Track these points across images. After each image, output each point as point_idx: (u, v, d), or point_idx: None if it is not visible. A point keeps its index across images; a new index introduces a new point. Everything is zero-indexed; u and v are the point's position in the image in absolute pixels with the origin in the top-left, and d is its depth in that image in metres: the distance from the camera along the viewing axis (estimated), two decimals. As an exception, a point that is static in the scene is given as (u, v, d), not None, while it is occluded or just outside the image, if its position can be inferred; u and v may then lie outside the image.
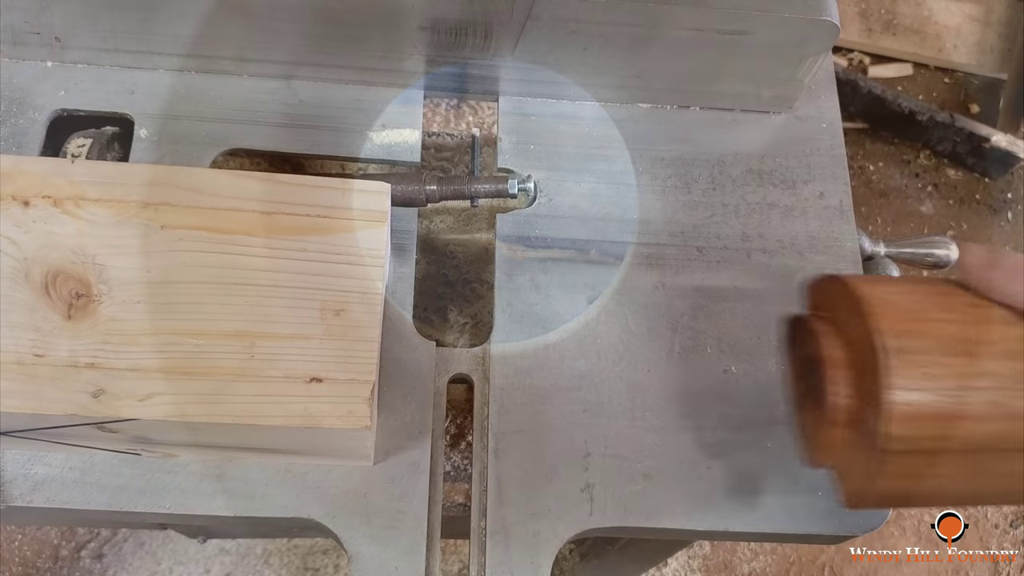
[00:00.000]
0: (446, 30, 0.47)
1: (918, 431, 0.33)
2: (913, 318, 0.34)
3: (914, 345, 0.33)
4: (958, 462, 0.34)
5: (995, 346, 0.34)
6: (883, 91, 1.63)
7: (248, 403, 0.35)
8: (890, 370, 0.33)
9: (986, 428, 0.33)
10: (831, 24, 0.46)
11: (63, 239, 0.37)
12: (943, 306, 0.35)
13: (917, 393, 0.33)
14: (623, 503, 0.43)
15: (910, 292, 0.35)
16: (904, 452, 0.33)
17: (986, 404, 0.33)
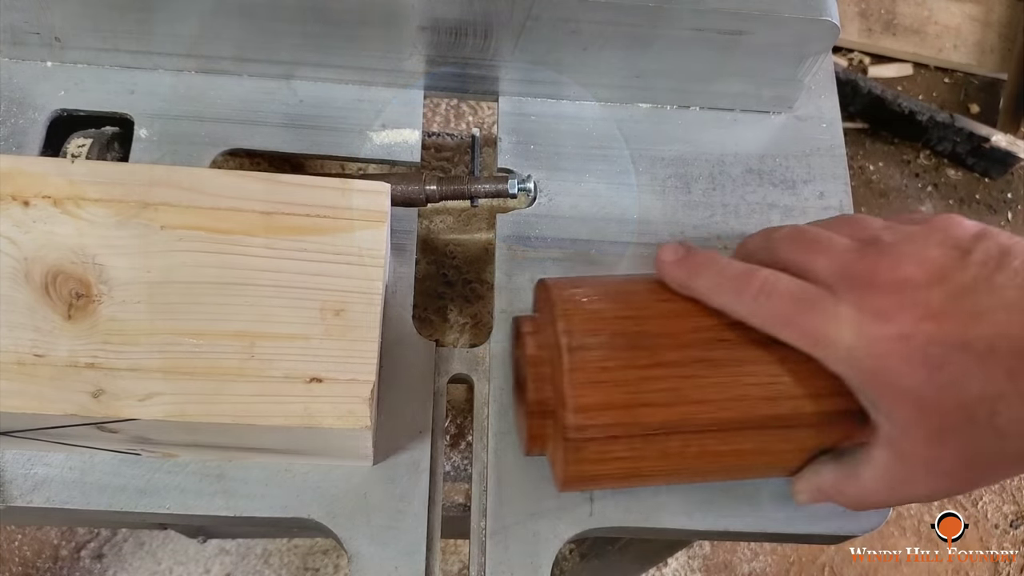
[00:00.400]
0: (446, 30, 0.47)
1: (597, 420, 0.36)
2: (597, 318, 0.37)
3: (593, 342, 0.37)
4: (645, 446, 0.37)
5: (673, 338, 0.37)
6: (883, 91, 1.63)
7: (248, 403, 0.35)
8: (569, 365, 0.36)
9: (666, 413, 0.36)
10: (831, 24, 0.46)
11: (63, 239, 0.37)
12: (629, 304, 0.38)
13: (593, 386, 0.36)
14: (623, 503, 0.43)
15: (602, 294, 0.38)
16: (588, 439, 0.36)
17: (663, 391, 0.36)
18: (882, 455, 0.35)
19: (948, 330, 0.32)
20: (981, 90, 1.73)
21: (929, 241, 0.35)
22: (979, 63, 1.72)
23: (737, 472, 0.41)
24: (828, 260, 0.36)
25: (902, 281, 0.34)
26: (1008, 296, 0.32)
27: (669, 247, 0.39)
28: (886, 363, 0.33)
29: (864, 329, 0.33)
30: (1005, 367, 0.31)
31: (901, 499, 0.37)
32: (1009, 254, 0.33)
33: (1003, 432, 0.32)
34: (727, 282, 0.37)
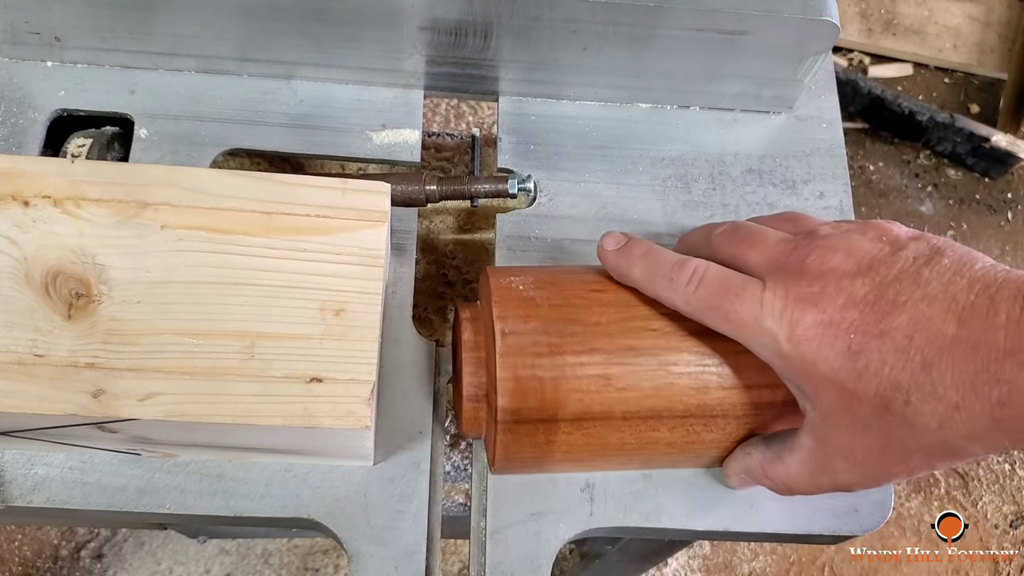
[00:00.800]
0: (446, 30, 0.47)
1: (525, 403, 0.37)
2: (531, 305, 0.38)
3: (525, 328, 0.38)
4: (574, 431, 0.38)
5: (604, 327, 0.38)
6: (883, 91, 1.63)
7: (248, 403, 0.35)
8: (501, 349, 0.37)
9: (595, 399, 0.37)
10: (831, 24, 0.46)
11: (63, 239, 0.37)
12: (563, 293, 0.39)
13: (523, 369, 0.37)
14: (623, 503, 0.43)
15: (538, 282, 0.39)
16: (518, 422, 0.37)
17: (593, 378, 0.37)
18: (806, 441, 0.36)
19: (869, 318, 0.33)
20: (981, 90, 1.73)
21: (864, 236, 0.36)
22: (979, 63, 1.72)
23: (666, 459, 0.41)
24: (761, 252, 0.37)
25: (830, 270, 0.34)
26: (932, 289, 0.33)
27: (611, 236, 0.40)
28: (809, 348, 0.34)
29: (788, 315, 0.34)
30: (921, 357, 0.32)
31: (822, 486, 0.37)
32: (941, 253, 0.34)
33: (914, 423, 0.33)
34: (661, 271, 0.38)
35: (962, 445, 0.33)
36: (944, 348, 0.32)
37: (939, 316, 0.32)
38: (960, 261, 0.34)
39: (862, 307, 0.33)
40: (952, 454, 0.34)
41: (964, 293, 0.32)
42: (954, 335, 0.32)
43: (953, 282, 0.33)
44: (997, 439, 0.32)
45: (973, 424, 0.32)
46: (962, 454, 0.34)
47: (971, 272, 0.33)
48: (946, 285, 0.33)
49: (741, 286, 0.36)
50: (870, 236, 0.36)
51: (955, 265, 0.33)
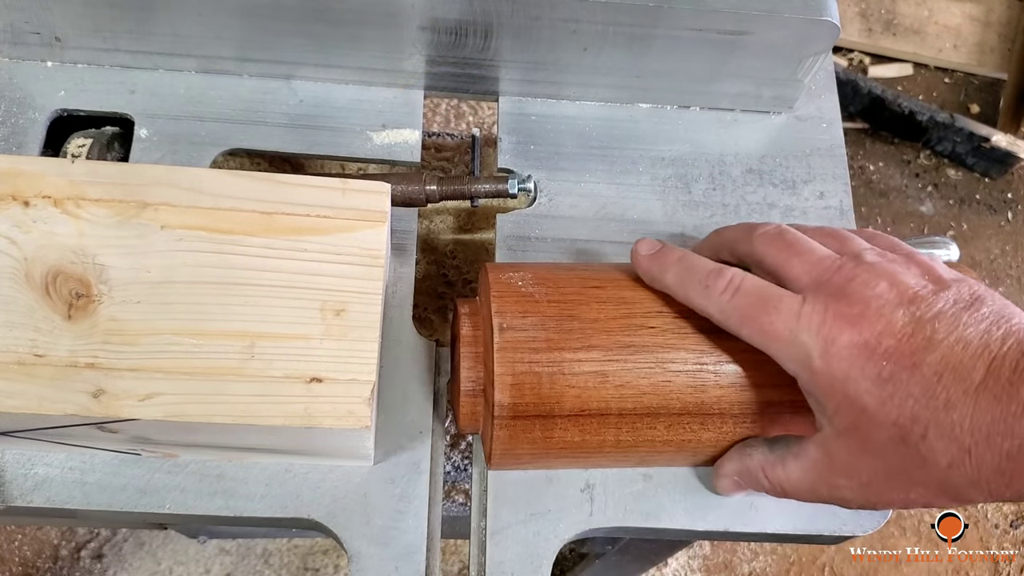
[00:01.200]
0: (446, 30, 0.47)
1: (522, 399, 0.37)
2: (529, 300, 0.39)
3: (523, 323, 0.38)
4: (570, 427, 0.38)
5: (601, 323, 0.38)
6: (883, 91, 1.63)
7: (248, 403, 0.35)
8: (499, 344, 0.37)
9: (592, 395, 0.38)
10: (831, 24, 0.46)
11: (63, 239, 0.37)
12: (562, 290, 0.39)
13: (521, 365, 0.37)
14: (623, 503, 0.43)
15: (537, 279, 0.40)
16: (515, 418, 0.37)
17: (590, 375, 0.37)
18: (814, 452, 0.37)
19: (904, 349, 0.33)
20: (981, 90, 1.73)
21: (909, 270, 0.36)
22: (979, 63, 1.72)
23: (663, 457, 0.41)
24: (805, 265, 0.37)
25: (873, 296, 0.35)
26: (968, 334, 0.33)
27: (645, 241, 0.41)
28: (840, 367, 0.34)
29: (826, 331, 0.34)
30: (946, 396, 0.32)
31: (819, 496, 0.38)
32: (981, 301, 0.35)
33: (926, 458, 0.33)
34: (696, 277, 0.38)
35: (964, 489, 0.33)
36: (969, 392, 0.32)
37: (970, 361, 0.33)
38: (999, 313, 0.34)
39: (899, 337, 0.34)
40: (952, 496, 0.34)
41: (998, 344, 0.33)
42: (980, 382, 0.32)
43: (989, 332, 0.33)
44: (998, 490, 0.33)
45: (980, 471, 0.32)
46: (961, 498, 0.34)
47: (1008, 325, 0.34)
48: (982, 333, 0.33)
49: (778, 298, 0.36)
50: (914, 271, 0.36)
51: (994, 316, 0.34)
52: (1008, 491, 0.33)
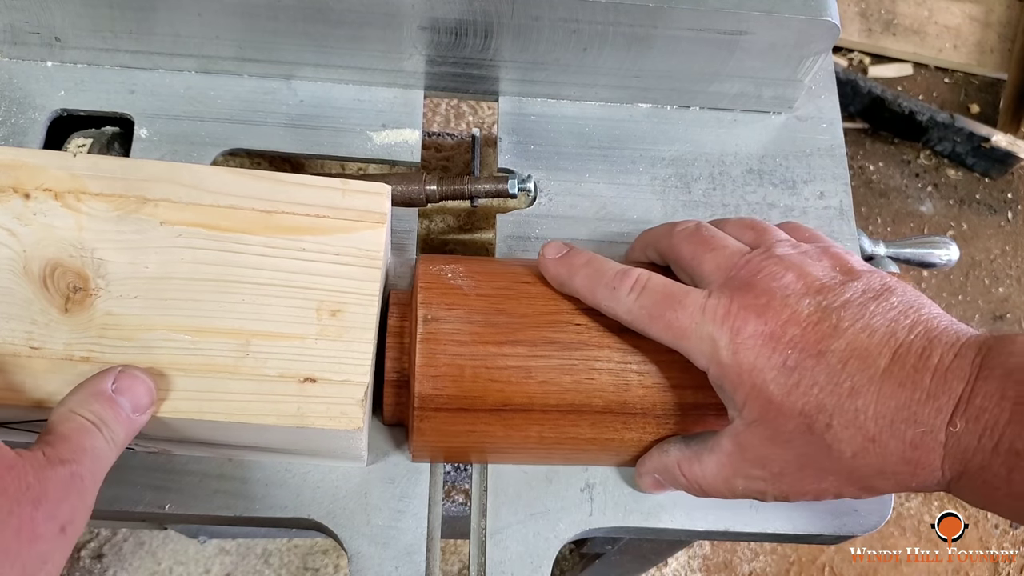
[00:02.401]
0: (446, 30, 0.47)
1: (445, 391, 0.37)
2: (457, 293, 0.38)
3: (449, 315, 0.38)
4: (493, 421, 0.38)
5: (528, 319, 0.38)
6: (883, 91, 1.63)
7: (241, 401, 0.35)
8: (422, 336, 0.37)
9: (515, 390, 0.37)
10: (831, 24, 0.46)
11: (63, 232, 0.37)
12: (492, 284, 0.39)
13: (445, 358, 0.37)
14: (623, 503, 0.43)
15: (469, 272, 0.39)
16: (436, 410, 0.37)
17: (514, 369, 0.37)
18: (726, 444, 0.37)
19: (809, 337, 0.33)
20: (981, 90, 1.73)
21: (819, 262, 0.36)
22: (979, 63, 1.72)
23: (587, 456, 0.41)
24: (717, 258, 0.37)
25: (779, 287, 0.35)
26: (875, 322, 0.33)
27: (552, 245, 0.40)
28: (746, 357, 0.34)
29: (731, 322, 0.34)
30: (850, 384, 0.32)
31: (735, 490, 0.38)
32: (891, 291, 0.35)
33: (831, 447, 0.33)
34: (603, 280, 0.38)
35: (871, 478, 0.33)
36: (873, 379, 0.32)
37: (876, 348, 0.33)
38: (908, 303, 0.34)
39: (804, 326, 0.34)
40: (861, 485, 0.34)
41: (905, 332, 0.33)
42: (885, 369, 0.32)
43: (897, 320, 0.33)
44: (905, 480, 0.33)
45: (885, 460, 0.32)
46: (871, 488, 0.34)
47: (917, 314, 0.34)
48: (890, 322, 0.33)
49: (683, 294, 0.36)
50: (825, 263, 0.36)
51: (903, 305, 0.34)
52: (914, 481, 0.33)
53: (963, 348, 0.32)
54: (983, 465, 0.31)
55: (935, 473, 0.32)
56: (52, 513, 0.28)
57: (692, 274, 0.38)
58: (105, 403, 0.32)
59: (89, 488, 0.31)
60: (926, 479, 0.32)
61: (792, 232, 0.40)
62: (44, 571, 0.28)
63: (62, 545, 0.29)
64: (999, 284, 1.56)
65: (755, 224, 0.40)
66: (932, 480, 0.32)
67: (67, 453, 0.30)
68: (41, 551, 0.28)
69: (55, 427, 0.31)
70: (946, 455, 0.32)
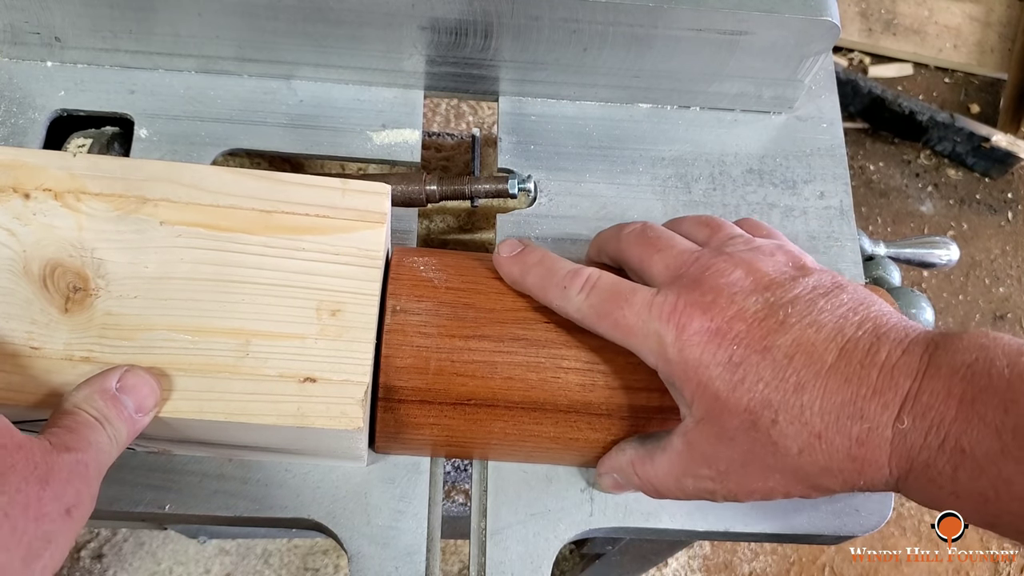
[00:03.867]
0: (446, 30, 0.47)
1: (409, 383, 0.37)
2: (427, 285, 0.39)
3: (416, 307, 0.38)
4: (456, 415, 0.38)
5: (496, 314, 0.38)
6: (883, 91, 1.63)
7: (241, 401, 0.35)
8: (389, 327, 0.37)
9: (479, 385, 0.38)
10: (831, 24, 0.46)
11: (62, 232, 0.37)
12: (462, 277, 0.39)
13: (410, 349, 0.37)
14: (623, 503, 0.43)
15: (441, 265, 0.39)
16: (399, 401, 0.37)
17: (479, 364, 0.37)
18: (677, 443, 0.36)
19: (755, 333, 0.33)
20: (981, 90, 1.73)
21: (771, 258, 0.36)
22: (979, 63, 1.72)
23: (549, 455, 0.41)
24: (665, 258, 0.37)
25: (726, 284, 0.35)
26: (823, 318, 0.33)
27: (507, 242, 0.40)
28: (692, 353, 0.34)
29: (676, 319, 0.34)
30: (796, 379, 0.32)
31: (686, 490, 0.37)
32: (842, 288, 0.34)
33: (777, 443, 0.33)
34: (555, 279, 0.38)
35: (818, 476, 0.33)
36: (819, 375, 0.32)
37: (823, 344, 0.32)
38: (858, 300, 0.34)
39: (750, 321, 0.33)
40: (808, 484, 0.34)
41: (853, 328, 0.33)
42: (832, 364, 0.32)
43: (846, 316, 0.33)
44: (852, 478, 0.33)
45: (831, 457, 0.32)
46: (818, 486, 0.34)
47: (866, 311, 0.33)
48: (838, 318, 0.33)
49: (631, 292, 0.36)
50: (778, 259, 0.36)
51: (852, 302, 0.34)
52: (861, 479, 0.32)
53: (911, 345, 0.32)
54: (928, 463, 0.31)
55: (882, 471, 0.32)
56: (58, 494, 0.29)
57: (642, 276, 0.38)
58: (109, 401, 0.33)
59: (93, 477, 0.31)
60: (873, 477, 0.32)
61: (750, 228, 0.40)
62: (48, 551, 0.28)
63: (67, 528, 0.29)
64: (999, 284, 1.56)
65: (710, 221, 0.40)
66: (879, 478, 0.32)
67: (72, 443, 0.31)
68: (47, 530, 0.28)
69: (59, 420, 0.32)
70: (892, 452, 0.31)
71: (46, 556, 0.28)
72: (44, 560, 0.28)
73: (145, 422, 0.34)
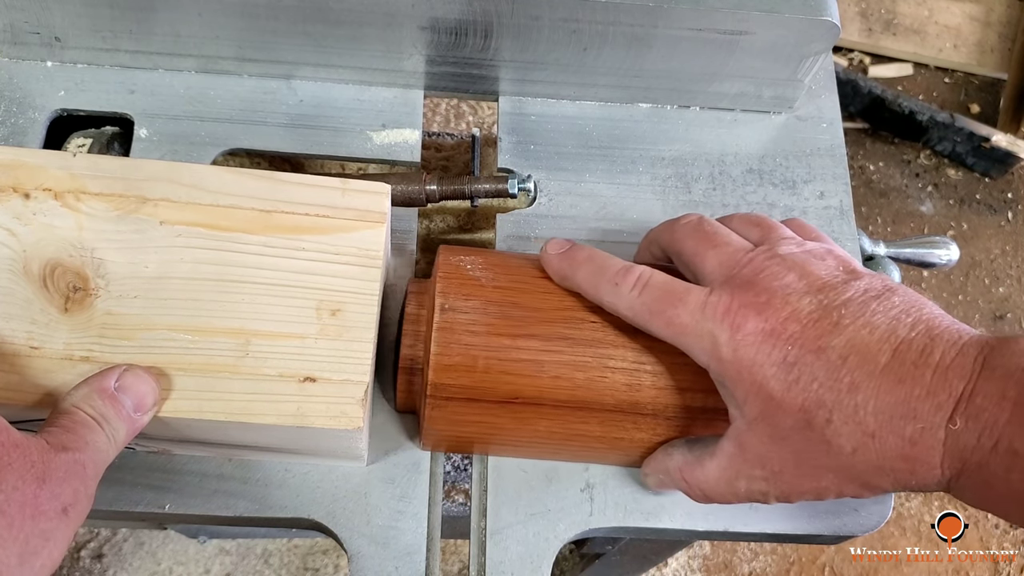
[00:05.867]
0: (446, 30, 0.47)
1: (457, 381, 0.37)
2: (474, 284, 0.39)
3: (465, 305, 0.38)
4: (503, 413, 0.38)
5: (543, 313, 0.38)
6: (883, 91, 1.63)
7: (241, 401, 0.35)
8: (438, 324, 0.37)
9: (526, 383, 0.38)
10: (831, 24, 0.46)
11: (62, 232, 0.37)
12: (509, 276, 0.39)
13: (459, 347, 0.37)
14: (623, 503, 0.43)
15: (487, 264, 0.40)
16: (448, 399, 0.38)
17: (526, 363, 0.37)
18: (728, 447, 0.36)
19: (809, 334, 0.33)
20: (981, 90, 1.73)
21: (822, 262, 0.36)
22: (979, 63, 1.72)
23: (595, 454, 0.41)
24: (720, 255, 0.37)
25: (780, 286, 0.35)
26: (876, 320, 0.33)
27: (555, 241, 0.41)
28: (746, 354, 0.34)
29: (731, 319, 0.34)
30: (850, 379, 0.32)
31: (738, 494, 0.37)
32: (893, 292, 0.35)
33: (831, 443, 0.33)
34: (606, 276, 0.38)
35: (870, 475, 0.33)
36: (873, 375, 0.32)
37: (876, 344, 0.33)
38: (910, 303, 0.34)
39: (804, 322, 0.34)
40: (861, 483, 0.34)
41: (906, 330, 0.33)
42: (886, 365, 0.32)
43: (898, 318, 0.33)
44: (904, 478, 0.33)
45: (884, 456, 0.32)
46: (870, 485, 0.34)
47: (919, 313, 0.34)
48: (891, 320, 0.33)
49: (685, 291, 0.36)
50: (829, 263, 0.36)
51: (904, 304, 0.34)
52: (913, 479, 0.33)
53: (965, 347, 0.32)
54: (981, 464, 0.31)
55: (934, 471, 0.32)
56: (55, 492, 0.29)
57: (694, 269, 0.38)
58: (107, 400, 0.33)
59: (91, 476, 0.31)
60: (925, 477, 0.32)
61: (797, 230, 0.40)
62: (46, 549, 0.28)
63: (64, 526, 0.29)
64: (999, 284, 1.56)
65: (761, 221, 0.40)
66: (931, 478, 0.32)
67: (69, 442, 0.31)
68: (44, 528, 0.28)
69: (57, 420, 0.32)
70: (945, 453, 0.31)
71: (44, 554, 0.28)
72: (42, 558, 0.28)
73: (144, 421, 0.34)
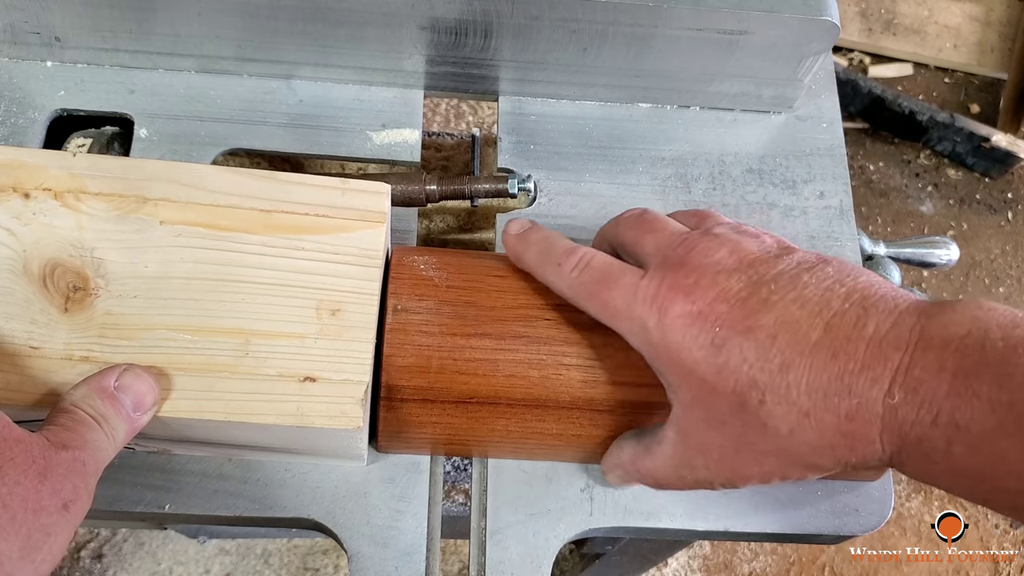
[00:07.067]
0: (446, 30, 0.47)
1: (411, 382, 0.37)
2: (428, 284, 0.39)
3: (418, 306, 0.38)
4: (458, 413, 0.38)
5: (497, 312, 0.38)
6: (883, 91, 1.63)
7: (241, 401, 0.35)
8: (390, 326, 0.37)
9: (481, 383, 0.37)
10: (831, 24, 0.46)
11: (62, 232, 0.37)
12: (463, 276, 0.39)
13: (412, 348, 0.37)
14: (623, 503, 0.43)
15: (441, 264, 0.39)
16: (402, 400, 0.38)
17: (481, 362, 0.37)
18: (671, 435, 0.36)
19: (737, 314, 0.33)
20: (981, 90, 1.73)
21: (758, 239, 0.36)
22: (979, 63, 1.72)
23: (552, 451, 0.41)
24: (655, 240, 0.37)
25: (709, 264, 0.34)
26: (807, 293, 0.32)
27: (516, 221, 0.41)
28: (674, 338, 0.33)
29: (659, 302, 0.34)
30: (781, 359, 0.31)
31: (686, 481, 0.37)
32: (827, 262, 0.34)
33: (766, 424, 0.32)
34: (552, 257, 0.38)
35: (810, 456, 0.32)
36: (805, 352, 0.31)
37: (807, 320, 0.32)
38: (844, 272, 0.33)
39: (732, 302, 0.33)
40: (803, 464, 0.33)
41: (839, 301, 0.32)
42: (817, 340, 0.31)
43: (831, 289, 0.32)
44: (843, 454, 0.32)
45: (821, 434, 0.31)
46: (811, 466, 0.33)
47: (852, 283, 0.33)
48: (823, 291, 0.32)
49: (620, 273, 0.36)
50: (764, 240, 0.36)
51: (838, 274, 0.33)
52: (854, 456, 0.32)
53: (901, 315, 0.31)
54: (922, 438, 0.30)
55: (874, 446, 0.31)
56: (56, 488, 0.29)
57: (636, 257, 0.38)
58: (107, 399, 0.33)
59: (91, 474, 0.31)
60: (865, 453, 0.31)
61: None
62: (47, 544, 0.28)
63: (65, 522, 0.29)
64: (999, 284, 1.56)
65: (701, 212, 0.40)
66: (872, 454, 0.31)
67: (69, 440, 0.31)
68: (45, 523, 0.28)
69: (57, 418, 0.32)
70: (884, 428, 0.30)
71: (45, 549, 0.28)
72: (43, 553, 0.28)
73: (144, 421, 0.34)
